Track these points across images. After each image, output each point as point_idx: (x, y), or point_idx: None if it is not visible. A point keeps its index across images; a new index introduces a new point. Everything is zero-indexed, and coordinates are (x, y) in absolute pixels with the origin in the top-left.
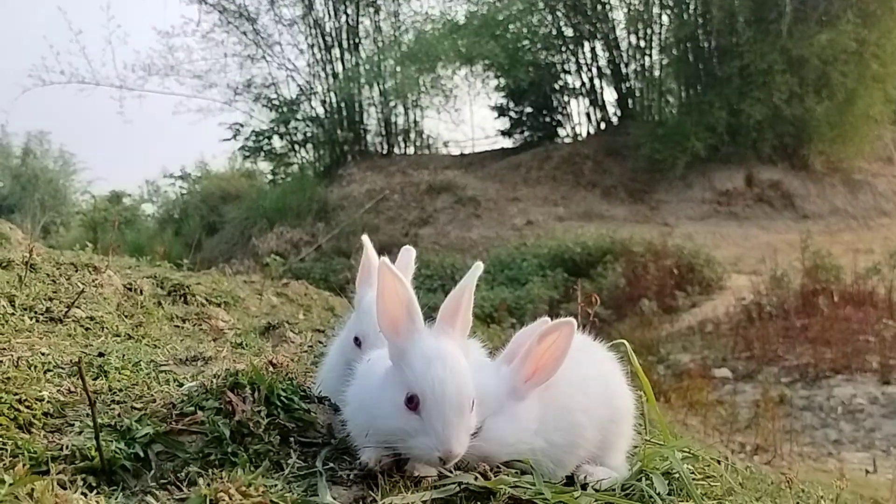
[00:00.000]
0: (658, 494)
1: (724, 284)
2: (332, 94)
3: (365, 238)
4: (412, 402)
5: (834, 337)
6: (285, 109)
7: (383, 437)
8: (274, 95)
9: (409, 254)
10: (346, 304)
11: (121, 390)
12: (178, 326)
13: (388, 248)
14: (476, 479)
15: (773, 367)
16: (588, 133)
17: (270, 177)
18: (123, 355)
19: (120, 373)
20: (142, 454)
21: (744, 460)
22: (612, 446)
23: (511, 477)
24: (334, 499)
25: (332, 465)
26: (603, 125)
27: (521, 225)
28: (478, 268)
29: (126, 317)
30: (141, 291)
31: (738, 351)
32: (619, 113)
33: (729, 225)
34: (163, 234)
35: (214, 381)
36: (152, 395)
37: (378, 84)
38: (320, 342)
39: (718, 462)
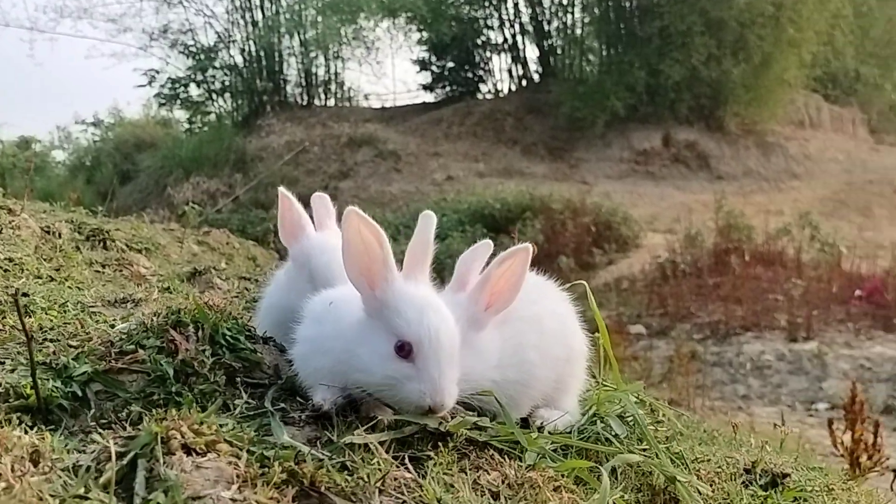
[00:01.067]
0: (616, 436)
1: (640, 242)
2: (251, 42)
3: (283, 190)
4: (403, 350)
5: (744, 295)
6: (203, 57)
7: (363, 386)
8: (191, 42)
9: (324, 199)
10: (268, 255)
11: (52, 328)
12: (98, 272)
13: (307, 201)
14: (440, 423)
15: (685, 324)
16: (509, 89)
17: (187, 126)
18: (48, 296)
19: (47, 313)
20: (80, 393)
21: None
22: (567, 388)
23: (469, 418)
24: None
25: (282, 405)
26: (524, 82)
27: (442, 180)
28: (430, 217)
29: (45, 260)
30: (59, 235)
31: (653, 308)
32: (540, 70)
33: (646, 184)
34: (74, 181)
35: (155, 319)
36: (88, 334)
37: (299, 34)
38: (247, 289)
39: (667, 407)
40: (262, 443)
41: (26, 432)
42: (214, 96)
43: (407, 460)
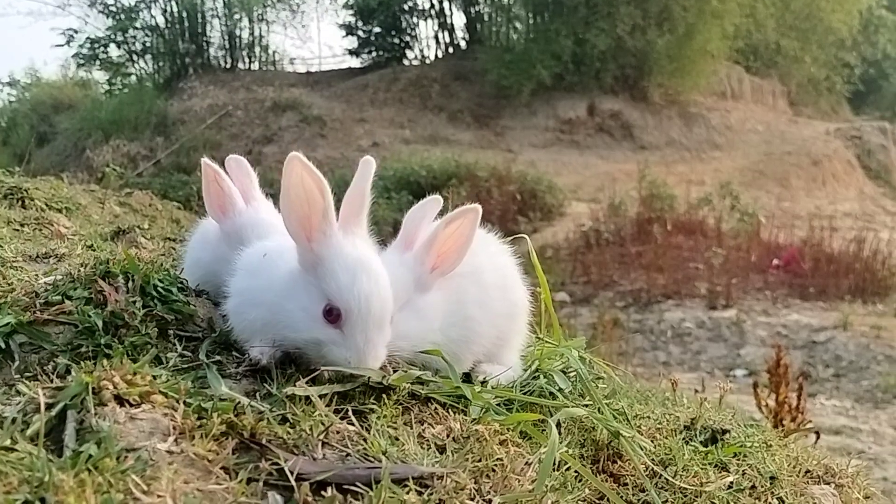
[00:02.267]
0: (560, 391)
1: (565, 211)
2: (173, 2)
3: (207, 161)
4: (332, 315)
5: (666, 264)
6: (123, 17)
7: (290, 343)
8: (111, 1)
9: (241, 164)
10: (191, 218)
11: None
12: (17, 230)
13: None
14: (383, 377)
15: (608, 292)
16: (436, 56)
17: (106, 87)
18: None
19: None
20: (2, 345)
21: None
22: (508, 343)
23: (412, 372)
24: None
25: (218, 358)
26: (451, 49)
27: (367, 146)
28: (370, 163)
29: None
30: None
31: (577, 276)
32: (467, 37)
33: (570, 153)
34: None
35: (82, 270)
36: (11, 285)
37: None
38: (174, 249)
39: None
40: (199, 394)
41: None
42: (135, 58)
43: (350, 413)
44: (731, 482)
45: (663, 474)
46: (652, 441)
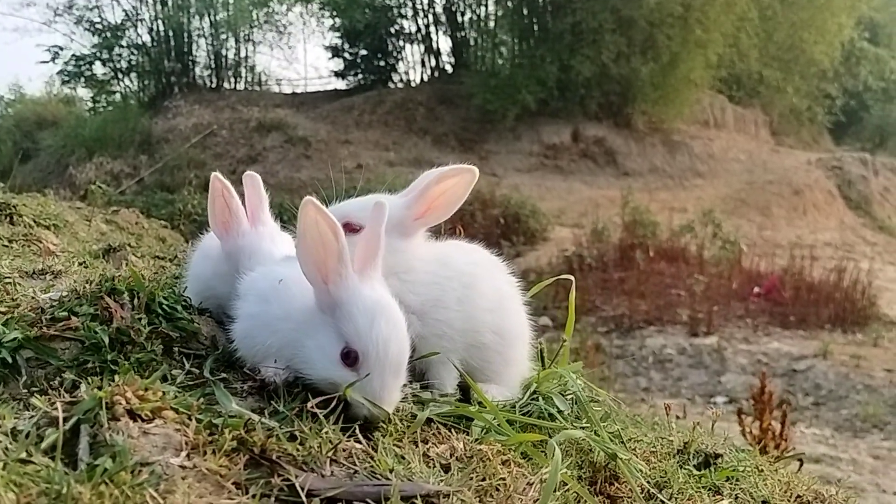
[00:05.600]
0: (559, 412)
1: (548, 236)
2: (159, 21)
3: (218, 175)
4: (349, 358)
5: (648, 290)
6: (109, 34)
7: (304, 378)
8: (97, 19)
9: (256, 182)
10: (177, 237)
11: None
12: (5, 246)
13: None
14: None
15: (591, 317)
16: (422, 79)
17: (91, 105)
18: None
19: None
20: (10, 360)
21: None
22: (507, 364)
23: (409, 388)
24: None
25: (224, 375)
26: (437, 73)
27: (352, 168)
28: (383, 207)
29: None
30: None
31: (559, 300)
32: (453, 61)
33: (554, 178)
34: None
35: (88, 286)
36: (15, 301)
37: (209, 14)
38: (163, 268)
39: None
40: (210, 411)
41: None
42: (120, 75)
43: (357, 431)
44: None
45: (659, 496)
46: (647, 464)
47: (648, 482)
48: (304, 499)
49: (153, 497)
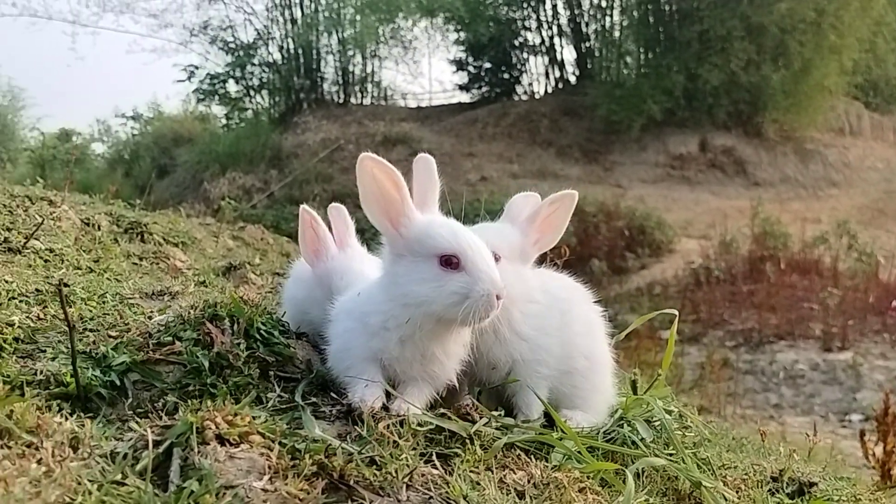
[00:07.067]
0: (642, 440)
1: (674, 248)
2: (289, 39)
3: (306, 208)
4: (451, 263)
5: (779, 303)
6: (241, 53)
7: (431, 316)
8: (230, 39)
9: (342, 212)
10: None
11: (92, 319)
12: (135, 264)
13: (341, 198)
14: (467, 429)
15: (718, 331)
16: (546, 91)
17: (224, 121)
18: (87, 287)
19: (86, 303)
20: (118, 382)
21: None
22: (594, 390)
23: (488, 416)
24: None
25: (314, 399)
26: (561, 84)
27: (476, 181)
28: (427, 159)
29: (84, 251)
30: (98, 227)
31: (686, 314)
32: (577, 72)
33: (681, 189)
34: (113, 174)
35: (192, 312)
36: (126, 325)
37: (337, 32)
38: (280, 285)
39: (693, 414)
40: (294, 435)
41: (66, 419)
42: (252, 93)
43: (434, 457)
44: None
45: None
46: (737, 492)
47: None
48: None
49: None
